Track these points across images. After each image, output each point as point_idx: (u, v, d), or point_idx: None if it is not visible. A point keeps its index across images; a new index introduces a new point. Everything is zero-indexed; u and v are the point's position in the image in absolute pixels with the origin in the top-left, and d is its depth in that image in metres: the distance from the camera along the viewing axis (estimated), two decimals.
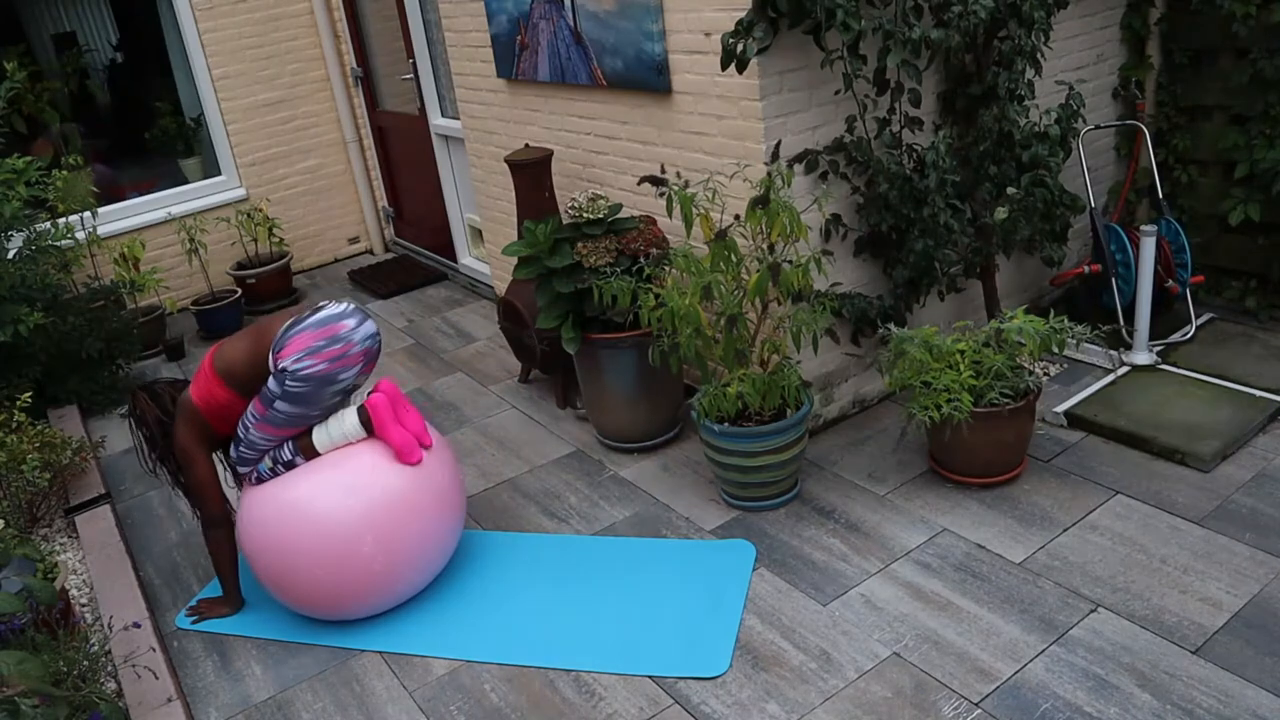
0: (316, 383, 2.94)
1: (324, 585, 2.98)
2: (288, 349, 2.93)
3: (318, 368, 2.93)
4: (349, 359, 2.98)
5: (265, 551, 3.00)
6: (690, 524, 3.43)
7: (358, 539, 2.94)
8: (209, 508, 3.13)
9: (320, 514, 2.94)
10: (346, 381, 3.01)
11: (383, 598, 3.09)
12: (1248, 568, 2.87)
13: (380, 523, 2.96)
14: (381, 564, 2.99)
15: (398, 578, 3.06)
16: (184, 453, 3.13)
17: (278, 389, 2.95)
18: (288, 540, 2.96)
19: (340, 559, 2.94)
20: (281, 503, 3.00)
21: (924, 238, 3.54)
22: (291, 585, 3.01)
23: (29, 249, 4.58)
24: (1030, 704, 2.51)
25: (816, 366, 3.73)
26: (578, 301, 3.70)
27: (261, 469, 3.08)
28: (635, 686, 2.76)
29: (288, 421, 3.00)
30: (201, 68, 6.15)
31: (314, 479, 3.01)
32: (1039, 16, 3.51)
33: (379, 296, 6.07)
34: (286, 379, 2.93)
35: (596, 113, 4.12)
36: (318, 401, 2.99)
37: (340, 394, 3.04)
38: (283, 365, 2.93)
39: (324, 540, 2.93)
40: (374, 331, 3.07)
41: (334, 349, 2.94)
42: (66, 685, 2.63)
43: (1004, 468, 3.36)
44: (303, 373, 2.92)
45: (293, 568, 2.97)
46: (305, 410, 2.99)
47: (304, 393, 2.94)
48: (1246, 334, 4.07)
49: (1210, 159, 4.30)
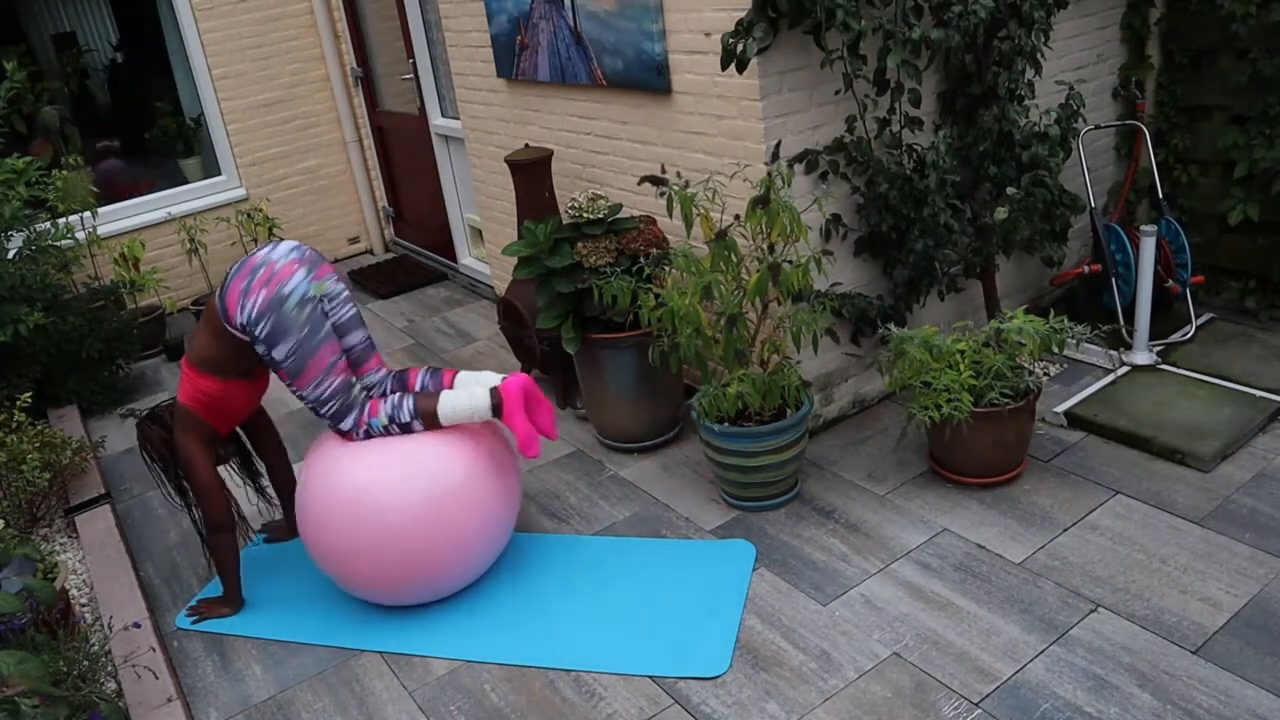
0: (272, 311, 2.89)
1: (379, 571, 2.97)
2: (229, 307, 2.93)
3: (259, 297, 2.89)
4: (280, 274, 2.92)
5: (323, 535, 2.99)
6: (690, 524, 3.43)
7: (414, 527, 2.93)
8: (213, 511, 3.13)
9: (378, 502, 2.92)
10: (298, 290, 2.92)
11: (438, 585, 3.08)
12: (1248, 568, 2.87)
13: (437, 512, 2.95)
14: (437, 552, 2.98)
15: (453, 565, 3.05)
16: (186, 460, 3.12)
17: (260, 346, 2.93)
18: (346, 525, 2.94)
19: (395, 546, 2.93)
20: (339, 489, 2.96)
21: (924, 238, 3.54)
22: (349, 570, 3.01)
23: (29, 249, 4.58)
24: (1030, 704, 2.51)
25: (816, 366, 3.73)
26: (578, 301, 3.70)
27: (373, 424, 3.00)
28: (635, 686, 2.76)
29: (304, 356, 2.93)
30: (201, 68, 6.15)
31: (372, 466, 2.97)
32: (1039, 16, 3.51)
33: (379, 296, 6.07)
34: (250, 329, 2.91)
35: (596, 113, 4.12)
36: (295, 323, 2.91)
37: (309, 304, 2.93)
38: (239, 323, 2.92)
39: (380, 527, 2.92)
40: (291, 245, 3.04)
41: (259, 275, 2.92)
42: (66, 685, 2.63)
43: (1004, 468, 3.36)
44: (253, 312, 2.89)
45: (350, 553, 2.96)
46: (299, 339, 2.92)
47: (274, 326, 2.90)
48: (1246, 334, 4.07)
49: (1210, 159, 4.30)
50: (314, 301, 2.97)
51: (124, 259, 5.54)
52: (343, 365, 3.02)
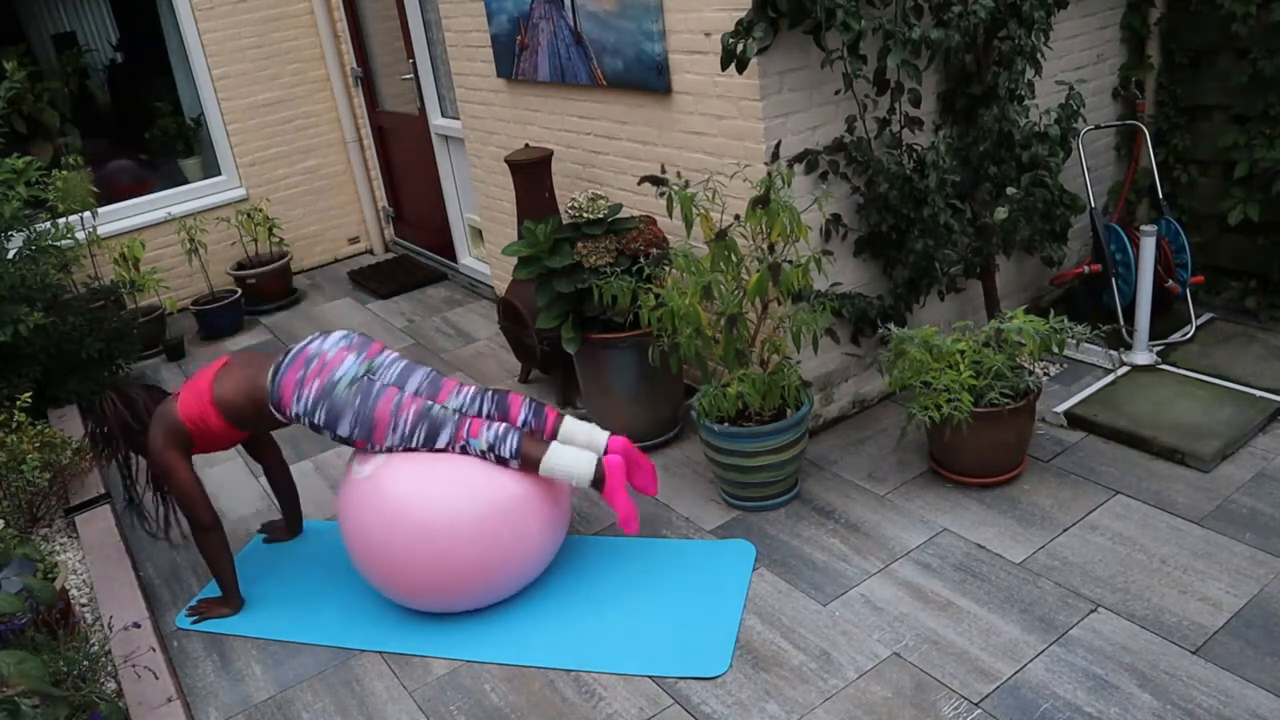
0: (324, 397, 2.94)
1: (423, 580, 2.96)
2: (284, 399, 2.98)
3: (314, 387, 2.95)
4: (332, 362, 2.98)
5: (366, 543, 2.97)
6: (690, 524, 3.43)
7: (460, 542, 2.90)
8: (197, 514, 3.12)
9: (426, 515, 2.89)
10: (349, 373, 2.97)
11: (492, 595, 3.07)
12: (1248, 568, 2.87)
13: (486, 529, 2.92)
14: (483, 567, 2.96)
15: (499, 579, 3.02)
16: (164, 465, 3.10)
17: (324, 430, 2.97)
18: (392, 536, 2.91)
19: (441, 560, 2.91)
20: (386, 499, 2.93)
21: (924, 238, 3.54)
22: (394, 580, 2.99)
23: (29, 249, 4.58)
24: (1030, 704, 2.51)
25: (816, 366, 3.73)
26: (578, 301, 3.70)
27: (473, 444, 2.94)
28: (635, 686, 2.76)
29: (366, 421, 2.93)
30: (201, 68, 6.15)
31: (422, 480, 2.92)
32: (1039, 16, 3.51)
33: (379, 296, 6.07)
34: (308, 418, 2.96)
35: (596, 113, 4.12)
36: (346, 402, 2.94)
37: (357, 383, 2.96)
38: (294, 413, 2.97)
39: (426, 540, 2.89)
40: (341, 333, 3.10)
41: (313, 366, 2.98)
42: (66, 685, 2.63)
43: (1004, 468, 3.36)
44: (309, 403, 2.95)
45: (395, 564, 2.94)
46: (353, 411, 2.93)
47: (329, 411, 2.94)
48: (1246, 334, 4.07)
49: (1210, 159, 4.30)
50: (362, 379, 2.99)
51: (124, 259, 5.54)
52: (409, 400, 2.97)
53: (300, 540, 3.66)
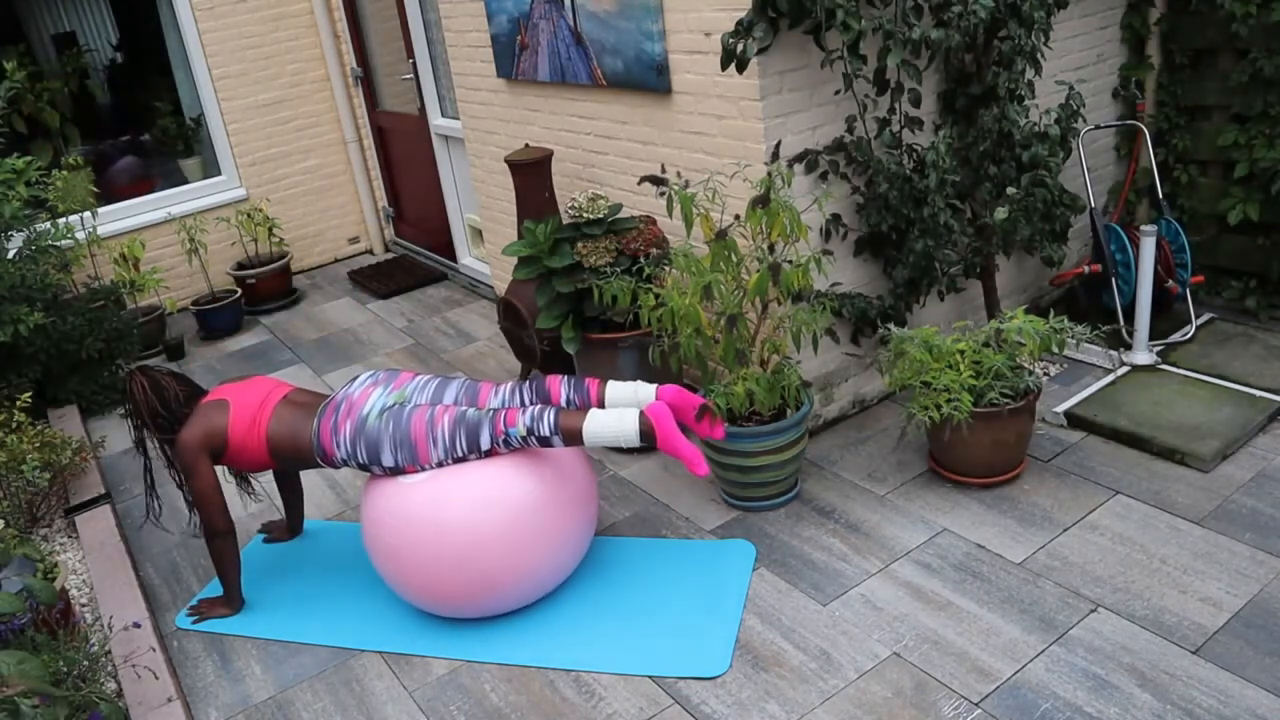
0: (360, 434, 2.96)
1: (446, 586, 2.93)
2: (326, 448, 3.01)
3: (347, 430, 2.97)
4: (359, 400, 3.01)
5: (388, 544, 2.95)
6: (690, 524, 3.43)
7: (485, 549, 2.87)
8: (212, 518, 3.11)
9: (453, 520, 2.86)
10: (379, 403, 2.99)
11: (505, 602, 3.04)
12: (1248, 568, 2.87)
13: (511, 535, 2.89)
14: (509, 573, 2.93)
15: (524, 585, 3.00)
16: (188, 463, 3.08)
17: (375, 467, 2.98)
18: (416, 539, 2.89)
19: (465, 566, 2.88)
20: (412, 502, 2.90)
21: (924, 238, 3.54)
22: (417, 584, 2.97)
23: (29, 249, 4.58)
24: (1030, 704, 2.51)
25: (816, 366, 3.73)
26: (578, 301, 3.70)
27: (511, 434, 2.87)
28: (635, 686, 2.76)
29: (406, 446, 2.91)
30: (201, 68, 6.15)
31: (450, 484, 2.89)
32: (1039, 16, 3.51)
33: (379, 296, 6.07)
34: (352, 460, 2.98)
35: (596, 113, 4.12)
36: (378, 432, 2.93)
37: (385, 413, 2.96)
38: (339, 459, 3.00)
39: (451, 545, 2.86)
40: (368, 374, 3.13)
41: (341, 411, 3.01)
42: (66, 685, 2.63)
43: (1004, 468, 3.36)
44: (348, 445, 2.97)
45: (418, 568, 2.92)
46: (391, 436, 2.91)
47: (368, 445, 2.94)
48: (1246, 334, 4.07)
49: (1210, 159, 4.30)
50: (393, 408, 2.99)
51: (124, 259, 5.54)
52: (441, 410, 2.94)
53: (300, 540, 3.66)
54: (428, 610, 3.07)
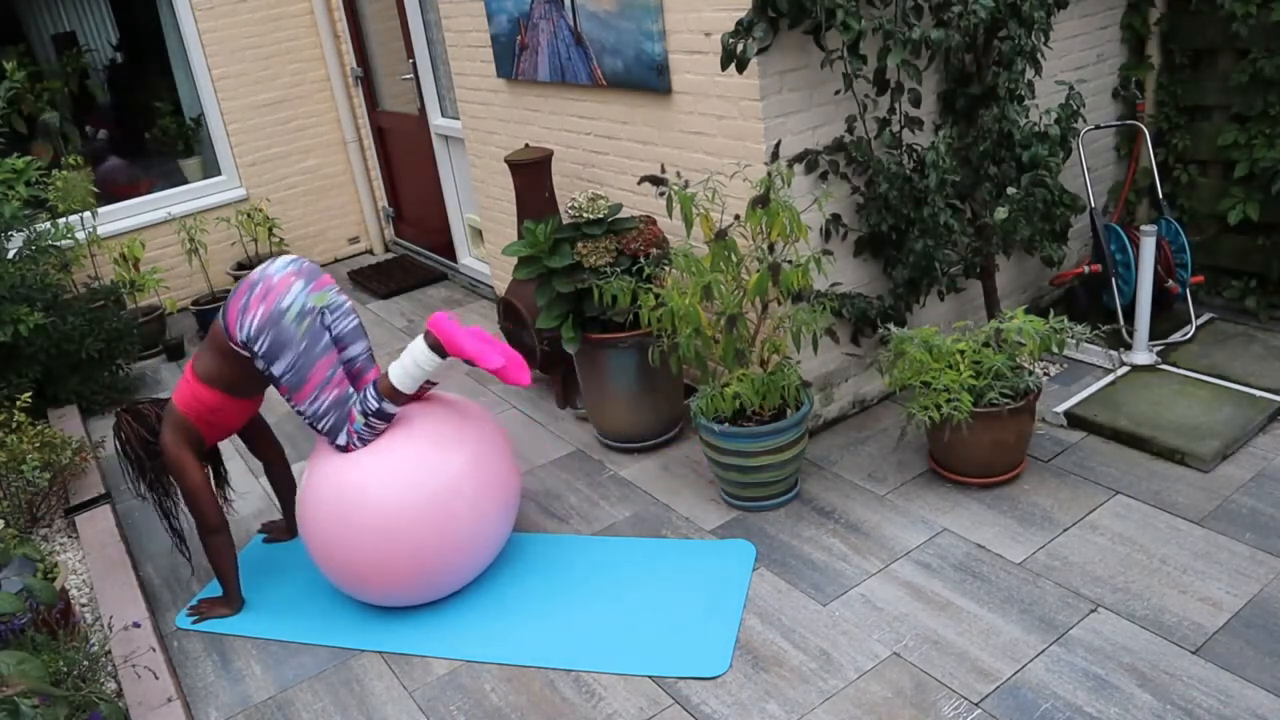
0: (270, 325, 2.89)
1: (379, 570, 2.97)
2: (230, 325, 2.94)
3: (258, 312, 2.90)
4: (276, 288, 2.93)
5: (322, 532, 2.98)
6: (690, 524, 3.43)
7: (414, 526, 2.92)
8: (205, 514, 3.12)
9: (379, 500, 2.91)
10: (297, 303, 2.92)
11: (438, 585, 3.08)
12: (1248, 568, 2.87)
13: (438, 511, 2.94)
14: (437, 551, 2.98)
15: (453, 565, 3.04)
16: (174, 462, 3.10)
17: (260, 361, 2.93)
18: (347, 524, 2.93)
19: (396, 546, 2.92)
20: (342, 486, 2.95)
21: (924, 238, 3.54)
22: (350, 571, 3.00)
23: (29, 249, 4.58)
24: (1030, 704, 2.51)
25: (816, 366, 3.73)
26: (578, 301, 3.70)
27: (357, 429, 2.98)
28: (635, 686, 2.76)
29: (304, 372, 2.93)
30: (201, 68, 6.15)
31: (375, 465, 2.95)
32: (1039, 16, 3.51)
33: (379, 296, 6.07)
34: (251, 345, 2.91)
35: (596, 113, 4.12)
36: (293, 337, 2.91)
37: (308, 317, 2.93)
38: (240, 340, 2.92)
39: (381, 526, 2.91)
40: (288, 259, 3.04)
41: (256, 292, 2.93)
42: (66, 685, 2.63)
43: (1004, 468, 3.36)
44: (252, 327, 2.90)
45: (351, 554, 2.95)
46: (296, 352, 2.91)
47: (272, 341, 2.90)
48: (1246, 334, 4.07)
49: (1210, 159, 4.30)
50: (313, 313, 2.96)
51: (124, 259, 5.54)
52: (340, 378, 3.00)
53: (300, 540, 3.66)
54: (365, 599, 3.12)
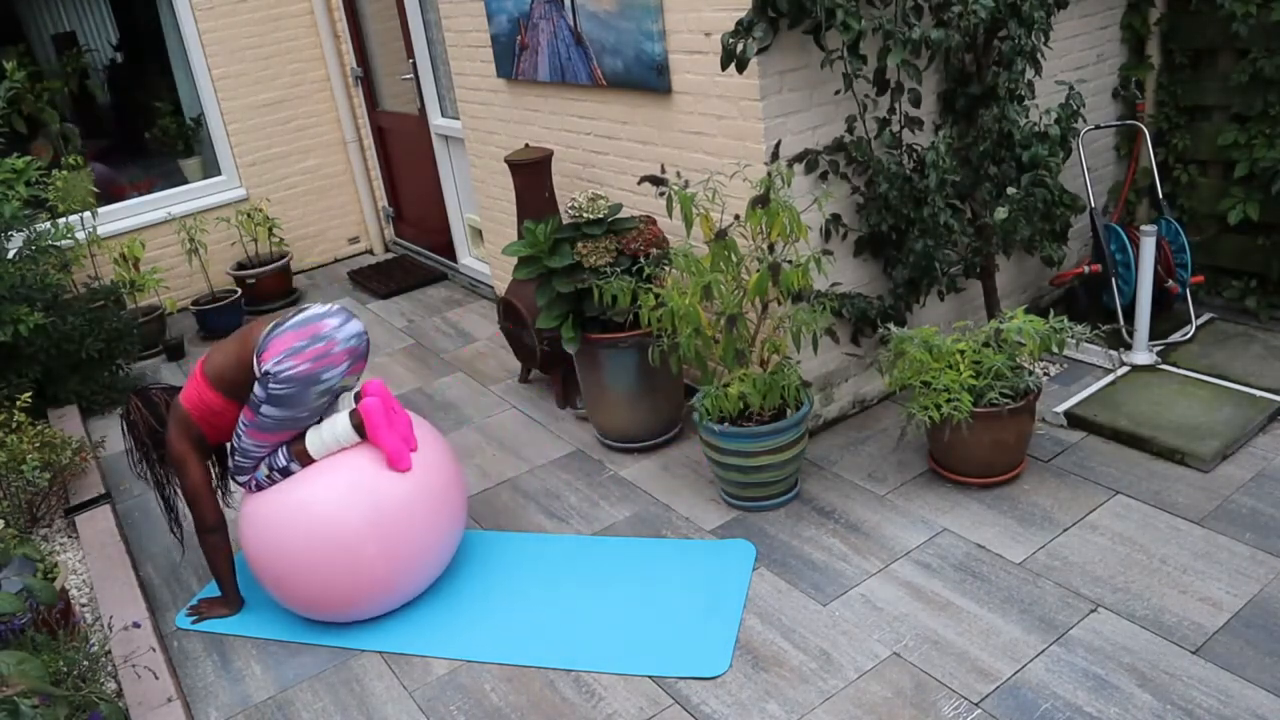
0: (300, 384, 2.89)
1: (325, 587, 2.98)
2: (269, 351, 2.88)
3: (300, 368, 2.87)
4: (332, 358, 2.92)
5: (266, 553, 3.00)
6: (690, 524, 3.43)
7: (360, 542, 2.93)
8: (204, 513, 3.13)
9: (322, 517, 2.93)
10: (331, 381, 2.95)
11: (385, 600, 3.09)
12: (1248, 568, 2.87)
13: (382, 525, 2.95)
14: (383, 566, 2.98)
15: (400, 580, 3.05)
16: (177, 459, 3.11)
17: (263, 393, 2.91)
18: (289, 543, 2.95)
19: (342, 562, 2.93)
20: (283, 505, 2.98)
21: (924, 238, 3.54)
22: (292, 587, 3.01)
23: (29, 249, 4.58)
24: (1030, 704, 2.51)
25: (816, 366, 3.73)
26: (578, 301, 3.70)
27: (259, 476, 3.04)
28: (635, 686, 2.76)
29: (277, 425, 2.96)
30: (201, 68, 6.15)
31: (316, 482, 2.98)
32: (1039, 16, 3.51)
33: (379, 296, 6.07)
34: (270, 382, 2.88)
35: (596, 113, 4.12)
36: (304, 403, 2.94)
37: (327, 394, 2.98)
38: (265, 368, 2.88)
39: (325, 543, 2.92)
40: (359, 331, 3.01)
41: (316, 348, 2.90)
42: (66, 685, 2.63)
43: (1004, 468, 3.36)
44: (285, 374, 2.87)
45: (293, 570, 2.97)
46: (293, 413, 2.95)
47: (288, 395, 2.90)
48: (1246, 334, 4.07)
49: (1210, 159, 4.30)
50: (335, 393, 3.01)
51: (124, 259, 5.54)
52: (285, 436, 3.02)
53: None
54: (309, 615, 3.12)
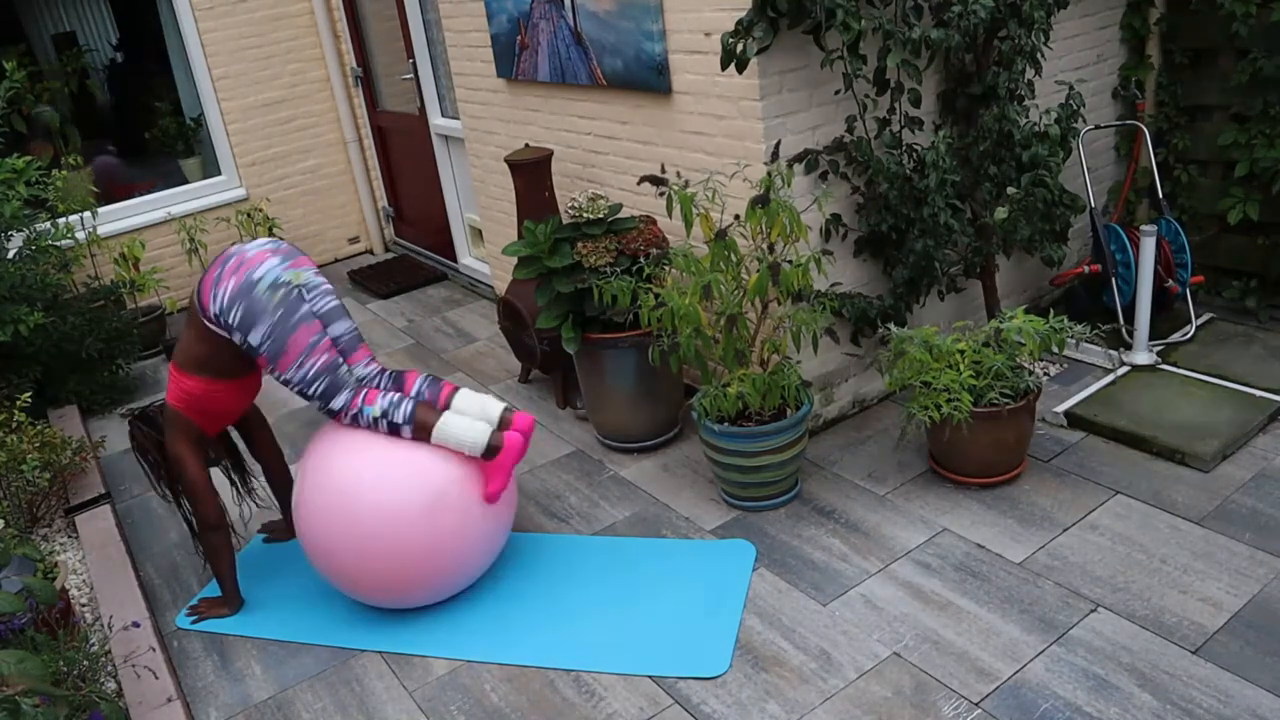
0: (243, 296, 2.87)
1: (378, 573, 2.96)
2: (204, 300, 2.92)
3: (229, 285, 2.88)
4: (250, 260, 2.92)
5: (321, 534, 2.97)
6: (690, 524, 3.43)
7: (415, 529, 2.91)
8: (204, 511, 3.13)
9: (380, 503, 2.90)
10: (272, 274, 2.90)
11: (439, 589, 3.08)
12: (1248, 568, 2.87)
13: (439, 515, 2.94)
14: (439, 555, 2.97)
15: (455, 569, 3.04)
16: (175, 460, 3.12)
17: (236, 334, 2.91)
18: (346, 526, 2.92)
19: (397, 548, 2.92)
20: (341, 489, 2.94)
21: (924, 238, 3.54)
22: (342, 569, 2.99)
23: (29, 249, 4.58)
24: (1030, 704, 2.51)
25: (816, 366, 3.73)
26: (578, 301, 3.70)
27: (366, 411, 2.94)
28: (635, 686, 2.76)
29: (281, 337, 2.88)
30: (201, 68, 6.15)
31: (376, 469, 2.94)
32: (1039, 16, 3.51)
33: (379, 296, 6.07)
34: (224, 317, 2.89)
35: (596, 113, 4.12)
36: (268, 306, 2.87)
37: (281, 289, 2.90)
38: (212, 314, 2.91)
39: (382, 529, 2.90)
40: (267, 239, 3.04)
41: (229, 265, 2.92)
42: (66, 685, 2.63)
43: (1004, 468, 3.36)
44: (224, 299, 2.88)
45: (347, 553, 2.94)
46: (274, 320, 2.88)
47: (245, 310, 2.87)
48: (1246, 334, 4.07)
49: (1210, 158, 4.30)
50: (287, 287, 2.93)
51: (124, 259, 5.54)
52: (326, 345, 2.95)
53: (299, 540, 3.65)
54: (362, 600, 3.12)
